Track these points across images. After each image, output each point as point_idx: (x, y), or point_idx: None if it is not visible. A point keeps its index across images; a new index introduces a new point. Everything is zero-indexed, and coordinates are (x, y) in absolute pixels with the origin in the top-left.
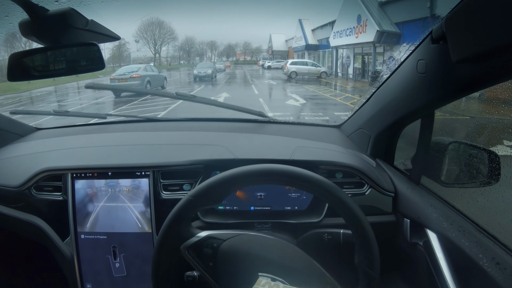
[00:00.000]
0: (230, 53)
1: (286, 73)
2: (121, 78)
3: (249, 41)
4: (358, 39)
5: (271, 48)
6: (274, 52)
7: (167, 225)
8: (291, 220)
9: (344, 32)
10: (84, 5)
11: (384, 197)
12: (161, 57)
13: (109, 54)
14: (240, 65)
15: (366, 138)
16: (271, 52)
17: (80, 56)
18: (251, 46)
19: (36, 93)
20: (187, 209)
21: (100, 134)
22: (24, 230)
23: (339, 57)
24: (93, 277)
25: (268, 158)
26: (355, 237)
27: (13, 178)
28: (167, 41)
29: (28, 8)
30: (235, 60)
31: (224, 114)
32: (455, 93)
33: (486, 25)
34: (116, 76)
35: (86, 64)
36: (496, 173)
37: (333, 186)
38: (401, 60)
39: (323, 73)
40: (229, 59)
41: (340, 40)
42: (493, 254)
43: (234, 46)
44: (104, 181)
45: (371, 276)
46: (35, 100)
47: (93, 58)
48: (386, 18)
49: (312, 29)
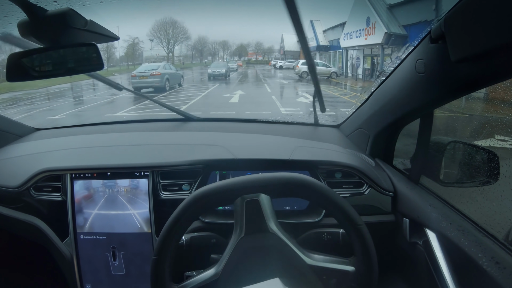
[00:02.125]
0: (242, 52)
1: (297, 73)
2: (142, 75)
3: (261, 41)
4: (367, 41)
5: (283, 48)
6: (286, 52)
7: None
8: (290, 220)
9: (354, 33)
10: (83, 6)
11: (383, 196)
12: (174, 56)
13: (123, 53)
14: (252, 64)
15: (365, 138)
16: (283, 52)
17: (79, 57)
18: (263, 46)
19: (54, 89)
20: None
21: (99, 135)
22: (24, 230)
23: (349, 58)
24: (92, 277)
25: (267, 158)
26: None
27: (12, 179)
28: (180, 41)
29: (27, 9)
30: (247, 60)
31: (224, 114)
32: (454, 93)
33: (485, 25)
34: (137, 73)
35: (85, 64)
36: (495, 173)
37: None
38: (399, 60)
39: (333, 73)
40: (241, 59)
41: (350, 41)
42: (493, 253)
43: (246, 46)
44: (103, 182)
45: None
46: (52, 96)
47: (92, 58)
48: (394, 20)
49: (323, 30)
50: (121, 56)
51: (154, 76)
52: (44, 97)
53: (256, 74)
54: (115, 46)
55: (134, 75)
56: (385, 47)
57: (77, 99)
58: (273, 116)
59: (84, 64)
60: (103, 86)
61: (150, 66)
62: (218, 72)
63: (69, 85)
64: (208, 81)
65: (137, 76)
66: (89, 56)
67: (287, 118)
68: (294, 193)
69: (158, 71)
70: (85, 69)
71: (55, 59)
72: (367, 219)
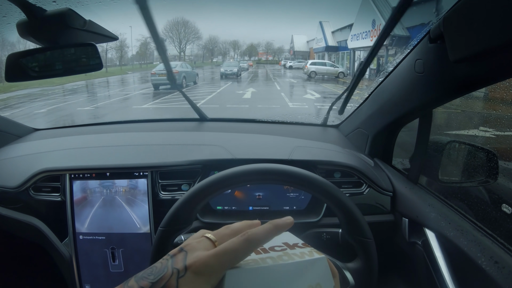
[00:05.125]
0: (252, 52)
1: (306, 72)
2: (161, 73)
3: (271, 41)
4: (372, 42)
5: (293, 49)
6: (296, 53)
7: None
8: None
9: (360, 35)
10: (82, 6)
11: (382, 196)
12: (185, 56)
13: (135, 52)
14: (262, 64)
15: (364, 138)
16: (292, 53)
17: (78, 57)
18: (273, 46)
19: (72, 86)
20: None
21: (98, 135)
22: (23, 231)
23: (357, 58)
24: (91, 277)
25: (266, 158)
26: (335, 210)
27: (11, 179)
28: (192, 40)
29: (26, 9)
30: (257, 60)
31: (225, 114)
32: (452, 93)
33: (484, 24)
34: (157, 71)
35: (84, 65)
36: (494, 172)
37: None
38: (399, 59)
39: (341, 73)
40: (251, 59)
41: (357, 42)
42: (492, 253)
43: (257, 46)
44: (102, 182)
45: (364, 242)
46: (67, 93)
47: (91, 58)
48: (398, 23)
49: (332, 31)
50: (132, 55)
51: None
52: (61, 94)
53: (266, 73)
54: (128, 46)
55: (154, 73)
56: (389, 48)
57: (97, 94)
58: (281, 109)
59: (83, 64)
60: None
61: None
62: (230, 71)
63: (84, 83)
64: (220, 80)
65: (156, 73)
66: (88, 56)
67: (290, 116)
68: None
69: (176, 70)
70: (84, 69)
71: (54, 59)
72: (366, 219)
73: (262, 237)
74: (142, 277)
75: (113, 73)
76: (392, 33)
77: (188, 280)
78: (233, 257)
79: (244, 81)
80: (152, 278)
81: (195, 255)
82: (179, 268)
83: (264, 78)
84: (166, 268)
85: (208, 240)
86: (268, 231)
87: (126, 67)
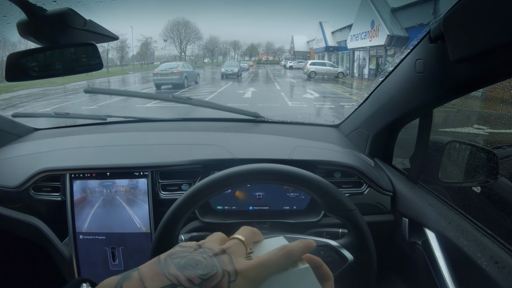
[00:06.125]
0: (252, 52)
1: (306, 72)
2: (163, 73)
3: (272, 41)
4: (371, 42)
5: (293, 49)
6: (296, 53)
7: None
8: (289, 220)
9: (359, 35)
10: (82, 5)
11: (382, 196)
12: (186, 56)
13: (135, 52)
14: (262, 64)
15: (364, 138)
16: (293, 53)
17: (78, 56)
18: (274, 46)
19: (74, 86)
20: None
21: (98, 135)
22: (23, 230)
23: (356, 58)
24: (91, 277)
25: (266, 157)
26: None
27: (12, 179)
28: (192, 40)
29: (26, 8)
30: (257, 60)
31: (224, 114)
32: (453, 93)
33: (484, 24)
34: (159, 71)
35: (85, 64)
36: (494, 172)
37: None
38: (399, 59)
39: (340, 73)
40: (251, 59)
41: (356, 43)
42: (492, 253)
43: (257, 46)
44: (103, 182)
45: (348, 214)
46: (68, 93)
47: (91, 58)
48: (397, 23)
49: (332, 31)
50: (132, 55)
51: (174, 74)
52: (63, 94)
53: (266, 73)
54: (129, 46)
55: (156, 73)
56: (388, 49)
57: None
58: (280, 107)
59: (83, 63)
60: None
61: (170, 65)
62: (231, 71)
63: (85, 83)
64: (221, 80)
65: (158, 73)
66: (89, 56)
67: (289, 115)
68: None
69: (178, 69)
70: (84, 69)
71: (54, 59)
72: (366, 218)
73: (298, 254)
74: (185, 266)
75: (115, 73)
76: (391, 33)
77: (239, 286)
78: (274, 270)
79: (245, 81)
80: (200, 273)
81: (242, 261)
82: (230, 271)
83: (264, 78)
84: (215, 267)
85: (243, 245)
86: (302, 249)
87: (127, 67)
